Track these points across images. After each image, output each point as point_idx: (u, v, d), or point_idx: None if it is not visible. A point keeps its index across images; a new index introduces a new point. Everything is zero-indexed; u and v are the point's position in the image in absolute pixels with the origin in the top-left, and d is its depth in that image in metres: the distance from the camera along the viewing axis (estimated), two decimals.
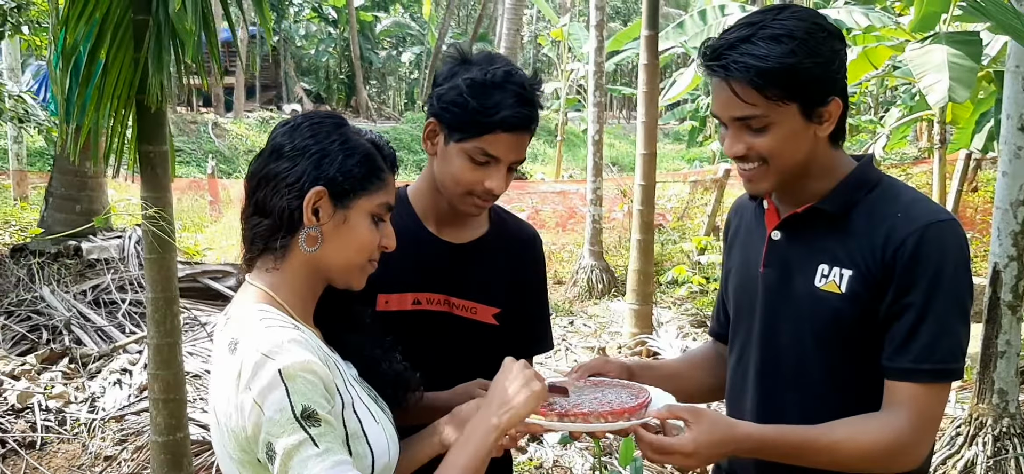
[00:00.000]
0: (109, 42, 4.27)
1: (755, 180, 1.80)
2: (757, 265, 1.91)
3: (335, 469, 1.37)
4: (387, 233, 1.65)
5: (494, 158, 1.89)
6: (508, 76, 1.87)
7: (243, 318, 1.50)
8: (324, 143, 1.58)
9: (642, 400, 1.74)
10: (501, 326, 2.07)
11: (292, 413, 1.36)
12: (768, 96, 1.67)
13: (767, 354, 1.89)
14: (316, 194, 1.55)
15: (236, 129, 26.79)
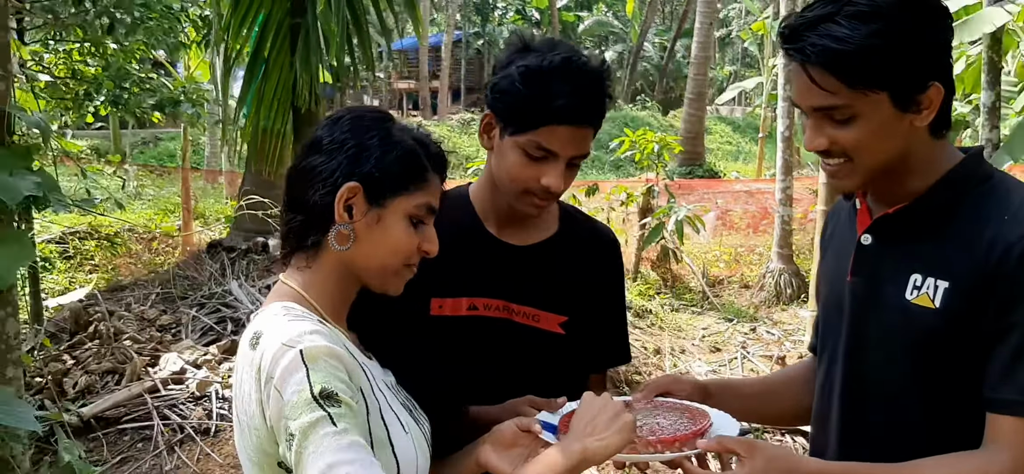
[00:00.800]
0: (269, 46, 4.45)
1: (840, 177, 1.56)
2: (845, 273, 1.65)
3: (351, 450, 1.26)
4: (428, 237, 1.53)
5: (551, 153, 1.72)
6: (567, 63, 1.70)
7: (267, 314, 1.44)
8: (363, 138, 1.49)
9: (699, 427, 1.55)
10: (568, 336, 1.89)
11: (310, 393, 1.28)
12: (851, 84, 1.43)
13: (853, 374, 1.64)
14: (349, 190, 1.46)
15: (439, 131, 27.60)
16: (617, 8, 42.38)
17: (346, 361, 1.36)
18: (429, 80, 36.97)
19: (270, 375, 1.32)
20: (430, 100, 36.77)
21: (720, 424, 1.61)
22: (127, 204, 14.15)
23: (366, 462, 1.26)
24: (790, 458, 1.51)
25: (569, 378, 1.88)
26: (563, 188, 1.76)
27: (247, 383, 1.38)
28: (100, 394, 5.77)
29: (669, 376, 1.90)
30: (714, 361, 7.33)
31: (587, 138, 1.75)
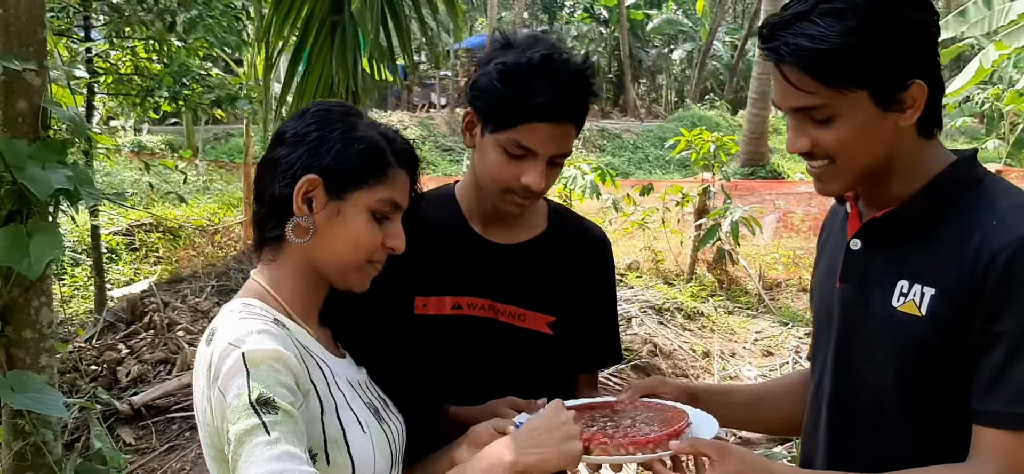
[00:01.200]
0: (311, 43, 4.50)
1: (825, 179, 1.51)
2: (836, 279, 1.60)
3: (280, 461, 1.25)
4: (393, 233, 1.52)
5: (530, 151, 1.70)
6: (547, 60, 1.68)
7: (225, 311, 1.46)
8: (325, 131, 1.49)
9: (675, 428, 1.52)
10: (556, 336, 1.87)
11: (248, 399, 1.28)
12: (828, 83, 1.39)
13: (840, 385, 1.58)
14: (308, 182, 1.46)
15: None
16: (687, 6, 41.88)
17: (291, 364, 1.35)
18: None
19: (216, 374, 1.33)
20: None
21: (699, 426, 1.58)
22: (194, 198, 14.49)
23: (295, 471, 1.25)
24: (762, 463, 1.47)
25: (558, 378, 1.86)
26: (544, 186, 1.74)
27: (201, 378, 1.40)
28: (152, 383, 5.92)
29: (656, 378, 1.87)
30: (765, 365, 7.20)
31: (568, 136, 1.72)
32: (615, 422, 1.60)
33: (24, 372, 2.90)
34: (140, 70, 8.63)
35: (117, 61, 9.06)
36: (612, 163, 27.08)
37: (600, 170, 9.25)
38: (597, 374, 2.04)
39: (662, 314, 7.66)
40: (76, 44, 8.24)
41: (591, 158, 26.93)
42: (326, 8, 4.43)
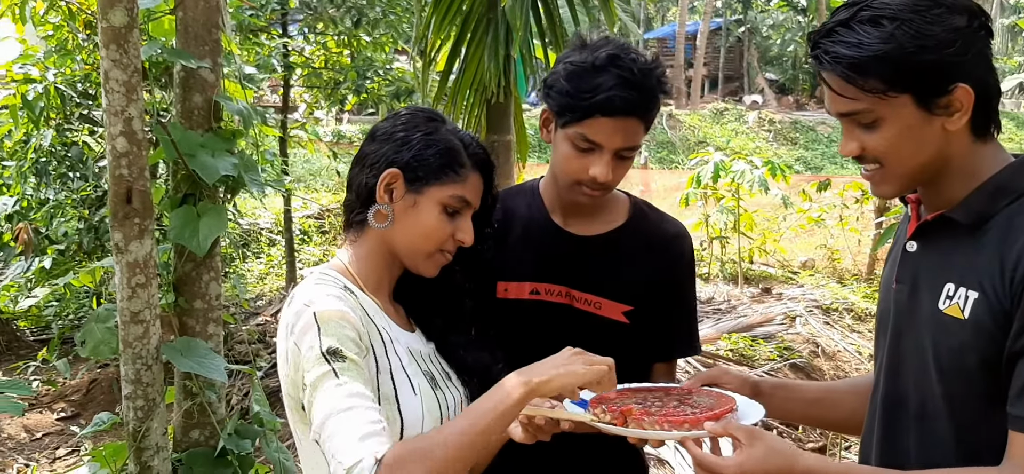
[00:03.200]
0: (468, 40, 4.69)
1: (876, 182, 1.52)
2: (892, 280, 1.60)
3: (350, 399, 1.43)
4: (462, 228, 1.68)
5: (596, 144, 1.80)
6: (613, 59, 1.77)
7: (305, 279, 1.65)
8: (410, 132, 1.67)
9: (714, 412, 1.57)
10: (632, 324, 1.95)
11: (320, 350, 1.47)
12: (867, 89, 1.40)
13: (892, 386, 1.57)
14: (390, 174, 1.65)
15: (689, 120, 27.30)
16: None
17: (355, 323, 1.53)
18: (685, 68, 36.55)
19: (292, 329, 1.53)
20: (686, 88, 36.33)
21: (744, 414, 1.62)
22: None
23: (362, 407, 1.42)
24: (791, 451, 1.49)
25: (633, 366, 1.93)
26: (611, 179, 1.83)
27: (281, 335, 1.60)
28: None
29: (720, 368, 1.90)
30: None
31: (634, 131, 1.80)
32: (663, 403, 1.67)
33: (193, 338, 3.23)
34: (330, 64, 9.19)
35: (312, 55, 9.68)
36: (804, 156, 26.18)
37: (771, 164, 9.02)
38: (674, 363, 2.09)
39: (829, 314, 7.43)
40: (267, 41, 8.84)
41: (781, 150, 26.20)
42: (484, 5, 4.60)
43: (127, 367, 3.08)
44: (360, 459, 1.36)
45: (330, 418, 1.42)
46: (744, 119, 29.85)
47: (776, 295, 8.65)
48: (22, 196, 6.51)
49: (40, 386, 6.43)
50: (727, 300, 8.28)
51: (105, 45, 2.90)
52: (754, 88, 36.94)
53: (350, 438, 1.39)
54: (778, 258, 10.43)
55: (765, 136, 28.11)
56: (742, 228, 9.48)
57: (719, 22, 38.81)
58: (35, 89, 5.66)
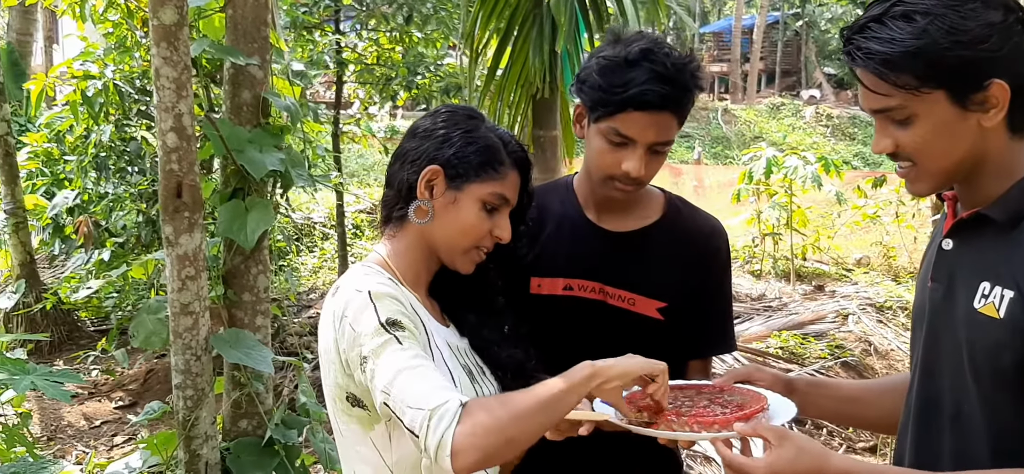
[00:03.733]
0: (516, 35, 4.70)
1: (911, 180, 1.49)
2: (928, 278, 1.57)
3: (417, 359, 1.48)
4: (500, 225, 1.69)
5: (629, 139, 1.79)
6: (646, 54, 1.76)
7: (349, 272, 1.69)
8: (451, 130, 1.69)
9: (745, 412, 1.56)
10: (667, 321, 1.94)
11: (378, 322, 1.51)
12: (900, 85, 1.38)
13: (927, 386, 1.54)
14: (431, 171, 1.67)
15: (745, 115, 26.99)
16: None
17: (406, 308, 1.58)
18: (741, 63, 36.16)
19: (344, 314, 1.56)
20: (742, 83, 35.94)
21: (776, 413, 1.61)
22: None
23: (428, 367, 1.47)
24: (820, 451, 1.48)
25: (668, 362, 1.93)
26: (644, 174, 1.82)
27: (326, 325, 1.63)
28: None
29: (753, 366, 1.88)
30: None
31: (667, 126, 1.79)
32: (693, 402, 1.66)
33: (241, 330, 3.30)
34: (381, 60, 9.28)
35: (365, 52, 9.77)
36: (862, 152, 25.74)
37: (824, 159, 8.88)
38: (709, 360, 2.08)
39: (883, 312, 7.30)
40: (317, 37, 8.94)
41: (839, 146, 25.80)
42: (530, 1, 4.60)
43: (177, 357, 3.15)
44: (446, 400, 1.40)
45: (400, 374, 1.46)
46: (801, 114, 29.46)
47: (829, 293, 8.52)
48: (83, 190, 6.69)
49: (99, 375, 6.61)
50: (778, 297, 8.18)
51: (156, 43, 2.97)
52: (812, 83, 36.40)
53: (429, 387, 1.43)
54: (832, 255, 10.27)
55: (822, 131, 27.71)
56: (795, 224, 9.35)
57: (776, 16, 38.31)
58: (94, 85, 5.80)
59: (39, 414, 5.88)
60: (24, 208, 7.08)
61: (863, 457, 4.95)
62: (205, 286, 3.19)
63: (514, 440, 1.43)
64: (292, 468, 3.33)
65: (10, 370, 2.12)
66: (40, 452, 4.65)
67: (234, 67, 3.37)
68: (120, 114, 6.19)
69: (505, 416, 1.41)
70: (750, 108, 29.12)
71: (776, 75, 38.30)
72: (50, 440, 5.56)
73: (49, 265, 8.24)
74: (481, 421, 1.39)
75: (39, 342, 7.05)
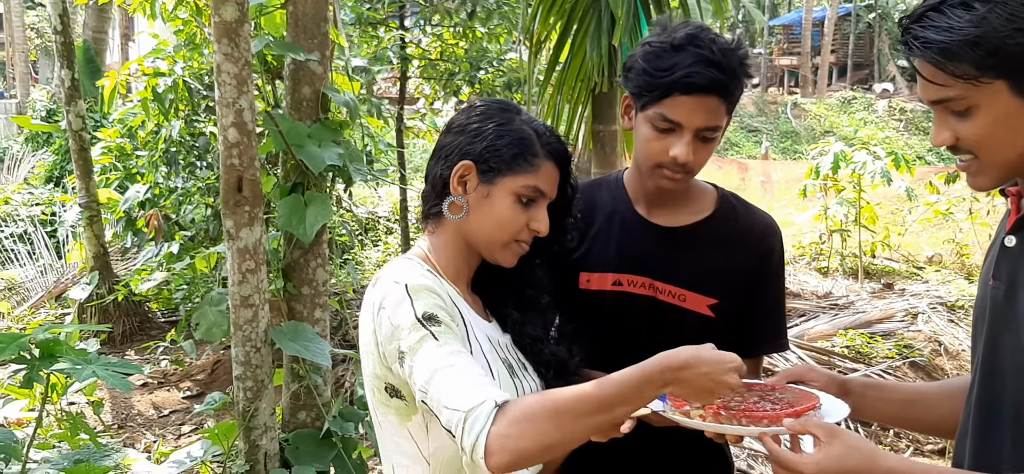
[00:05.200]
0: (576, 30, 4.68)
1: (971, 173, 1.43)
2: (989, 276, 1.51)
3: (451, 356, 1.46)
4: (537, 218, 1.66)
5: (676, 124, 1.75)
6: (691, 39, 1.73)
7: (390, 264, 1.69)
8: (484, 123, 1.68)
9: (795, 409, 1.53)
10: (718, 318, 1.90)
11: (415, 317, 1.51)
12: (959, 75, 1.33)
13: (988, 388, 1.48)
14: (464, 166, 1.65)
15: (815, 109, 26.49)
16: None
17: (444, 300, 1.56)
18: (812, 56, 35.50)
19: (382, 306, 1.56)
20: (812, 76, 35.28)
21: (828, 412, 1.57)
22: None
23: (466, 363, 1.46)
24: (870, 450, 1.43)
25: None
26: (692, 160, 1.78)
27: (366, 316, 1.63)
28: None
29: (807, 366, 1.83)
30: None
31: (714, 110, 1.76)
32: (743, 398, 1.63)
33: (300, 323, 3.34)
34: (445, 55, 9.33)
35: (429, 47, 9.84)
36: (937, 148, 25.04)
37: (894, 154, 8.66)
38: (760, 359, 2.03)
39: (954, 312, 7.09)
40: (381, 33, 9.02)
41: (913, 141, 25.18)
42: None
43: (237, 349, 3.21)
44: (482, 400, 1.38)
45: (437, 373, 1.44)
46: (873, 108, 28.81)
47: (898, 291, 8.31)
48: (154, 184, 6.86)
49: (169, 365, 6.77)
50: (845, 295, 8.01)
51: (217, 39, 3.02)
52: (885, 76, 35.56)
53: (464, 386, 1.41)
54: (903, 253, 10.02)
55: (895, 125, 27.06)
56: (863, 221, 9.14)
57: (848, 7, 37.51)
58: (165, 82, 5.94)
59: (111, 403, 6.05)
60: (98, 202, 7.28)
61: (933, 460, 4.82)
62: (265, 279, 3.23)
63: (554, 442, 1.40)
64: (349, 460, 3.36)
65: (73, 360, 2.18)
66: (110, 439, 4.78)
67: (294, 63, 3.41)
68: (189, 110, 6.33)
69: (543, 416, 1.38)
70: (820, 102, 28.55)
71: (848, 68, 37.52)
72: (120, 428, 5.71)
73: (122, 257, 8.46)
74: (516, 422, 1.37)
75: (111, 332, 7.27)
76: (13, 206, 9.69)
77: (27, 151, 13.90)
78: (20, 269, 8.69)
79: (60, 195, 9.79)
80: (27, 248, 8.89)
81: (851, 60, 37.67)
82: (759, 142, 22.89)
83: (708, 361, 1.45)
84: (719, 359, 1.46)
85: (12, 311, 7.87)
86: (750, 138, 24.02)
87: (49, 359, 2.18)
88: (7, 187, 11.22)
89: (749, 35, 43.17)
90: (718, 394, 1.48)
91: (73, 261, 8.28)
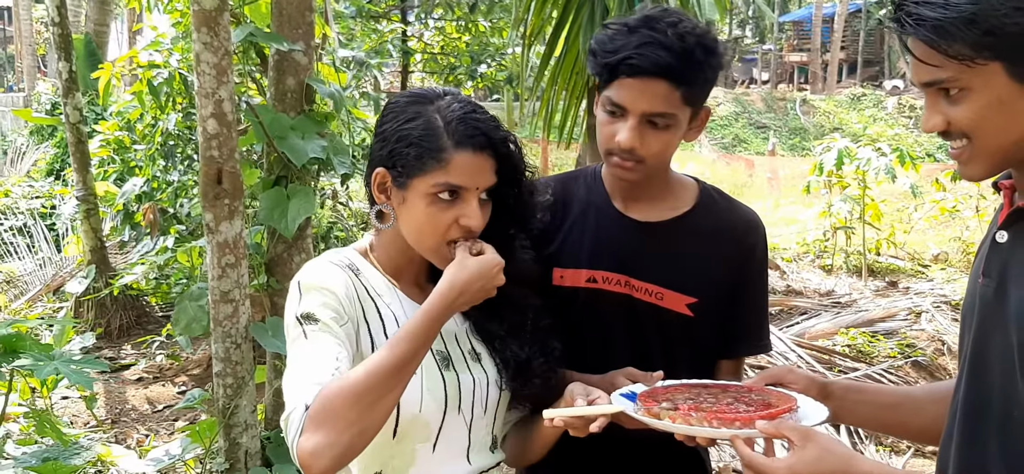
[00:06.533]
0: (571, 21, 4.61)
1: (963, 161, 1.35)
2: (979, 273, 1.43)
3: (310, 356, 1.44)
4: (465, 213, 1.54)
5: (621, 107, 1.67)
6: (647, 21, 1.65)
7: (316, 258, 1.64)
8: (389, 124, 1.59)
9: (769, 411, 1.46)
10: (697, 318, 1.81)
11: (296, 315, 1.49)
12: (953, 55, 1.25)
13: (975, 388, 1.40)
14: (379, 175, 1.59)
15: (824, 106, 26.34)
16: None
17: (339, 292, 1.52)
18: (821, 52, 35.32)
19: (289, 306, 1.55)
20: (821, 73, 35.10)
21: (807, 414, 1.51)
22: None
23: (316, 364, 1.42)
24: (846, 454, 1.37)
25: (698, 362, 1.82)
26: (638, 146, 1.68)
27: None
28: None
29: (786, 368, 1.76)
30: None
31: (662, 95, 1.65)
32: (717, 399, 1.56)
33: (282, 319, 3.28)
34: (446, 49, 9.27)
35: (432, 40, 9.79)
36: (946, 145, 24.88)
37: (900, 151, 8.55)
38: (740, 361, 1.95)
39: (959, 311, 7.01)
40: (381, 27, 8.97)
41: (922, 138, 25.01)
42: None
43: (217, 345, 3.16)
44: (293, 408, 1.38)
45: (291, 370, 1.44)
46: (883, 105, 28.62)
47: (902, 289, 8.21)
48: (152, 177, 6.81)
49: (164, 360, 6.72)
50: (848, 293, 7.91)
51: (196, 28, 2.96)
52: (895, 73, 35.33)
53: (292, 391, 1.40)
54: (908, 251, 9.91)
55: (905, 123, 26.86)
56: (868, 218, 9.03)
57: (858, 4, 37.30)
58: (160, 75, 5.89)
59: (104, 397, 6.01)
60: (95, 195, 7.23)
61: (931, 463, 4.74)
62: (245, 274, 3.18)
63: (366, 425, 1.38)
64: None
65: (35, 356, 2.12)
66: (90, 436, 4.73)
67: (279, 53, 3.35)
68: (186, 103, 6.28)
69: (345, 407, 1.35)
70: (830, 98, 28.38)
71: (858, 65, 37.32)
72: (114, 423, 5.67)
73: (119, 251, 8.42)
74: (321, 425, 1.34)
75: (109, 326, 7.23)
76: (13, 199, 9.66)
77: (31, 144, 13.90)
78: (19, 262, 8.65)
79: (59, 188, 9.76)
80: (26, 241, 8.85)
81: (861, 56, 37.45)
82: (766, 138, 22.75)
83: (477, 275, 1.50)
84: (482, 269, 1.50)
85: (10, 305, 7.84)
86: (758, 135, 23.87)
87: (11, 355, 2.13)
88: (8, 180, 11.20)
89: (759, 31, 42.99)
90: (492, 294, 1.53)
91: (71, 254, 8.25)
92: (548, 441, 1.72)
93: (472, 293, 1.50)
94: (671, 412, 1.51)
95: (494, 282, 1.52)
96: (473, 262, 1.50)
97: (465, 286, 1.48)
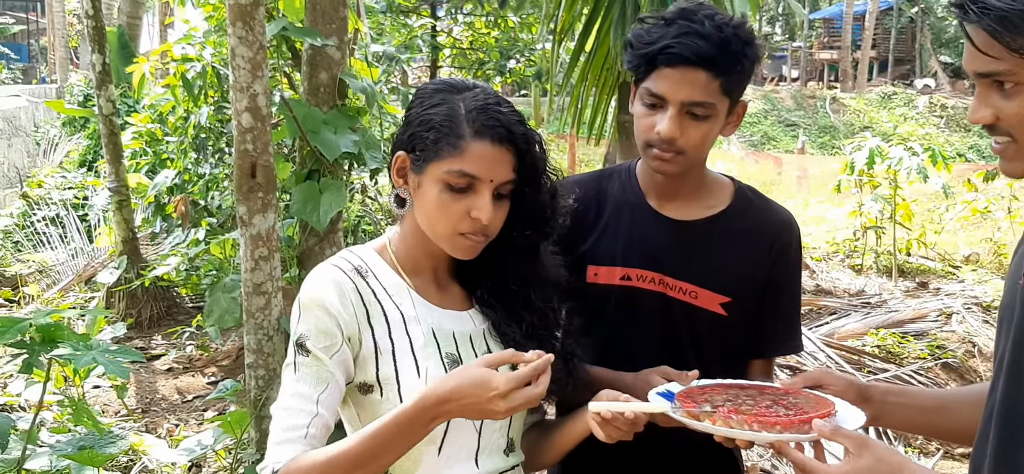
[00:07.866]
0: (602, 18, 4.60)
1: (1007, 158, 1.32)
2: (1019, 274, 1.41)
3: (293, 398, 1.49)
4: (477, 205, 1.51)
5: (660, 98, 1.68)
6: (683, 12, 1.66)
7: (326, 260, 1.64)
8: (414, 109, 1.58)
9: (808, 415, 1.45)
10: (731, 318, 1.81)
11: (294, 340, 1.52)
12: (1015, 48, 1.23)
13: (1013, 391, 1.38)
14: (399, 159, 1.58)
15: (855, 104, 26.10)
16: None
17: (332, 309, 1.50)
18: (852, 50, 35.00)
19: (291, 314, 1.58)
20: (852, 71, 34.78)
21: (844, 418, 1.49)
22: None
23: (296, 409, 1.48)
24: (900, 462, 1.36)
25: (730, 361, 1.82)
26: (679, 136, 1.69)
27: None
28: None
29: (824, 370, 1.74)
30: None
31: (702, 85, 1.66)
32: (755, 402, 1.55)
33: None
34: (475, 45, 9.28)
35: (461, 35, 9.80)
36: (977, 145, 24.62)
37: (932, 151, 8.45)
38: (772, 361, 1.94)
39: (990, 312, 6.91)
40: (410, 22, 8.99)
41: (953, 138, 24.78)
42: None
43: (249, 337, 3.18)
44: (265, 465, 1.45)
45: (276, 405, 1.51)
46: (914, 104, 28.34)
47: (933, 290, 8.13)
48: (183, 170, 6.87)
49: (194, 351, 6.79)
50: (878, 293, 7.84)
51: (231, 22, 2.99)
52: (926, 72, 34.96)
53: (272, 440, 1.48)
54: (939, 251, 9.81)
55: (936, 122, 26.60)
56: (899, 218, 8.95)
57: (890, 2, 36.93)
58: (194, 68, 5.94)
59: (135, 387, 6.08)
60: (127, 186, 7.31)
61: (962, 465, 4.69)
62: (278, 266, 3.20)
63: None
64: None
65: (73, 345, 2.15)
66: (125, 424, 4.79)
67: (312, 48, 3.37)
68: (218, 96, 6.33)
69: None
70: (860, 97, 28.13)
71: (888, 63, 36.94)
72: (144, 413, 5.73)
73: (151, 242, 8.52)
74: None
75: (140, 316, 7.31)
76: (46, 190, 9.78)
77: (64, 135, 14.06)
78: (51, 252, 8.76)
79: (92, 179, 9.87)
80: (59, 232, 8.97)
81: (892, 55, 37.07)
82: (796, 136, 22.59)
83: (468, 393, 1.41)
84: (477, 388, 1.41)
85: (42, 294, 7.94)
86: (788, 132, 23.69)
87: (49, 344, 2.16)
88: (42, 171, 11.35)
89: (789, 28, 42.64)
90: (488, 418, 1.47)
91: (102, 245, 8.34)
92: (562, 449, 1.73)
93: (461, 409, 1.43)
94: (711, 414, 1.50)
95: (489, 409, 1.42)
96: (472, 386, 1.42)
97: (456, 399, 1.42)
